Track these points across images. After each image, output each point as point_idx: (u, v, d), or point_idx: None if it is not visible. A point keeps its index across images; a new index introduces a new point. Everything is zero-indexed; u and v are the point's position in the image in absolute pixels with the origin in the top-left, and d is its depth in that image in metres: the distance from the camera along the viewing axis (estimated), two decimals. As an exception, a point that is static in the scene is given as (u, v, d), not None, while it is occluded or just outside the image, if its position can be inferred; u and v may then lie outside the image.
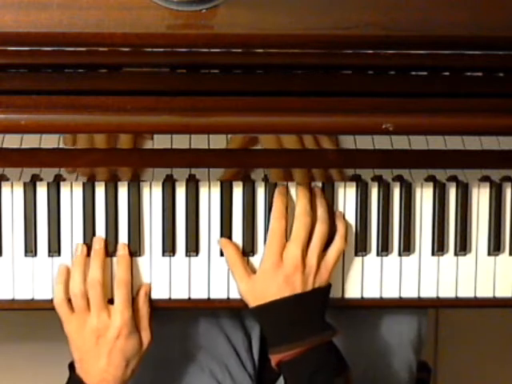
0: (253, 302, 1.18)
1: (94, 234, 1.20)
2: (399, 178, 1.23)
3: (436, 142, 1.17)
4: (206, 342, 1.27)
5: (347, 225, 1.22)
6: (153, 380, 1.29)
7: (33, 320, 1.18)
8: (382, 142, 1.17)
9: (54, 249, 1.20)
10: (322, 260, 1.19)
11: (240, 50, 1.06)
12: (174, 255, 1.22)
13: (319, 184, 1.22)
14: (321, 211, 1.20)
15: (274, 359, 1.17)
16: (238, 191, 1.22)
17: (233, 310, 1.29)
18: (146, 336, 1.19)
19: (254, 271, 1.20)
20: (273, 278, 1.17)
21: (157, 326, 1.24)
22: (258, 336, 1.31)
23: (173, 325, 1.31)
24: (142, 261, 1.22)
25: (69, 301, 1.18)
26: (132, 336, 1.17)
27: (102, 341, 1.16)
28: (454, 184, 1.24)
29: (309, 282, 1.17)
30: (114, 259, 1.20)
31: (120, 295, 1.17)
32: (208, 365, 1.29)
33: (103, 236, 1.20)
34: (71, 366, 1.20)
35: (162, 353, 1.30)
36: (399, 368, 1.31)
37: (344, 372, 1.17)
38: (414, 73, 1.12)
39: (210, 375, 1.29)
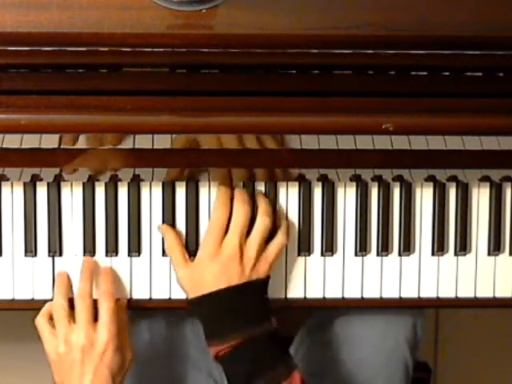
0: (190, 290, 1.17)
1: (94, 234, 1.20)
2: (399, 178, 1.23)
3: (436, 142, 1.17)
4: (204, 343, 1.27)
5: (289, 222, 1.21)
6: (151, 380, 1.29)
7: (31, 320, 1.19)
8: (382, 142, 1.17)
9: (54, 249, 1.20)
10: (262, 252, 1.17)
11: (240, 50, 1.06)
12: (174, 255, 1.22)
13: (319, 184, 1.22)
14: (263, 204, 1.18)
15: (212, 352, 1.15)
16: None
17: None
18: (129, 352, 1.16)
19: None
20: (209, 266, 1.15)
21: (155, 327, 1.24)
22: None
23: (170, 325, 1.31)
24: (141, 261, 1.22)
25: (50, 319, 1.16)
26: (118, 352, 1.14)
27: (87, 357, 1.12)
28: (454, 184, 1.24)
29: (245, 272, 1.15)
30: (114, 259, 1.21)
31: (105, 308, 1.14)
32: (206, 365, 1.29)
33: (103, 237, 1.20)
34: None
35: (160, 352, 1.30)
36: (395, 368, 1.31)
37: (288, 368, 1.14)
38: (414, 73, 1.12)
39: (207, 375, 1.29)
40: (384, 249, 1.23)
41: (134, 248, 1.21)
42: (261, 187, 1.21)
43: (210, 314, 1.15)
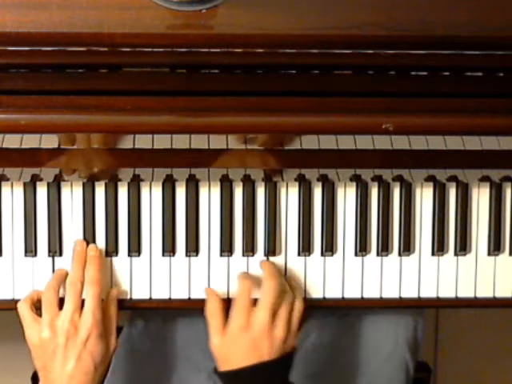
0: (220, 360, 1.16)
1: (94, 234, 1.20)
2: (399, 178, 1.23)
3: (436, 142, 1.17)
4: (204, 344, 1.26)
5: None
6: (150, 380, 1.29)
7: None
8: (382, 142, 1.17)
9: (54, 249, 1.20)
10: (289, 327, 1.17)
11: (240, 50, 1.06)
12: (174, 255, 1.22)
13: (319, 184, 1.22)
14: (298, 286, 1.20)
15: None
16: (238, 191, 1.22)
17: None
18: (112, 340, 1.16)
19: (252, 271, 1.20)
20: (239, 340, 1.15)
21: (155, 328, 1.24)
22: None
23: (170, 325, 1.31)
24: (141, 261, 1.22)
25: (33, 306, 1.16)
26: (101, 339, 1.14)
27: (71, 343, 1.12)
28: (454, 184, 1.24)
29: (274, 347, 1.15)
30: (114, 259, 1.21)
31: (91, 294, 1.15)
32: (205, 366, 1.29)
33: (103, 237, 1.20)
34: (34, 378, 1.17)
35: (160, 353, 1.29)
36: (396, 368, 1.31)
37: None
38: (414, 73, 1.12)
39: (207, 377, 1.29)
40: (384, 249, 1.23)
41: (134, 248, 1.21)
42: (261, 187, 1.21)
43: None
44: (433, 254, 1.24)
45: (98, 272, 1.17)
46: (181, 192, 1.21)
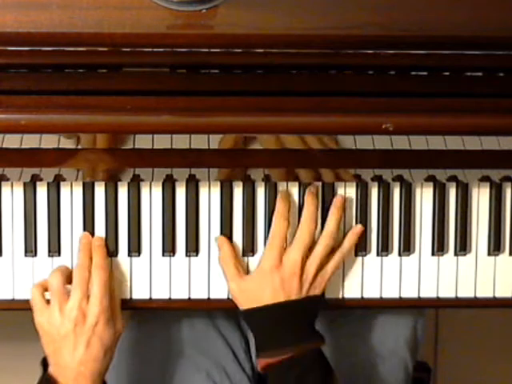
0: (243, 302, 1.18)
1: (93, 234, 1.20)
2: (399, 178, 1.23)
3: (436, 142, 1.17)
4: (203, 344, 1.26)
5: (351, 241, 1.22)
6: (149, 380, 1.29)
7: (31, 320, 1.19)
8: (382, 142, 1.17)
9: (54, 249, 1.20)
10: (321, 270, 1.18)
11: (240, 50, 1.06)
12: (173, 255, 1.22)
13: (319, 184, 1.22)
14: (332, 224, 1.19)
15: (261, 363, 1.17)
16: (238, 191, 1.22)
17: (229, 311, 1.29)
18: (119, 324, 1.17)
19: (251, 271, 1.20)
20: (269, 280, 1.16)
21: (153, 328, 1.24)
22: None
23: (169, 325, 1.31)
24: (141, 261, 1.22)
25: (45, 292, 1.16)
26: (109, 324, 1.14)
27: (80, 329, 1.12)
28: (454, 184, 1.24)
29: (304, 289, 1.17)
30: (114, 259, 1.21)
31: (98, 281, 1.15)
32: (205, 366, 1.29)
33: (103, 235, 1.20)
34: (44, 363, 1.17)
35: (159, 353, 1.30)
36: (395, 368, 1.31)
37: (330, 381, 1.16)
38: (414, 73, 1.12)
39: (206, 376, 1.29)
40: (384, 249, 1.23)
41: (134, 248, 1.21)
42: (261, 187, 1.21)
43: (264, 327, 1.16)
44: (433, 253, 1.24)
45: (103, 259, 1.18)
46: (181, 192, 1.21)
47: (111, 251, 1.21)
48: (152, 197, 1.21)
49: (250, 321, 1.18)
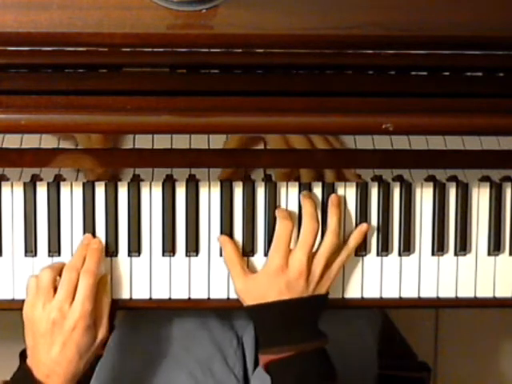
0: (249, 301, 1.18)
1: (94, 234, 1.20)
2: (399, 178, 1.23)
3: (436, 142, 1.17)
4: (190, 342, 1.26)
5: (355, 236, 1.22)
6: (132, 374, 1.28)
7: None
8: (382, 142, 1.17)
9: (54, 249, 1.20)
10: (327, 270, 1.19)
11: (240, 50, 1.06)
12: (173, 255, 1.22)
13: (319, 184, 1.22)
14: (334, 222, 1.20)
15: (263, 359, 1.17)
16: (238, 191, 1.22)
17: (222, 311, 1.29)
18: (102, 332, 1.16)
19: (251, 271, 1.20)
20: (275, 280, 1.16)
21: (141, 323, 1.23)
22: (252, 336, 1.29)
23: (159, 323, 1.30)
24: (141, 261, 1.22)
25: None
26: (88, 331, 1.13)
27: (57, 330, 1.12)
28: (454, 184, 1.24)
29: (310, 288, 1.17)
30: (114, 259, 1.21)
31: (83, 285, 1.14)
32: (187, 365, 1.28)
33: (103, 237, 1.20)
34: (23, 355, 1.17)
35: (145, 349, 1.29)
36: (363, 368, 1.31)
37: (332, 381, 1.16)
38: (414, 73, 1.12)
39: (188, 375, 1.28)
40: (384, 249, 1.23)
41: (134, 248, 1.21)
42: (261, 187, 1.21)
43: (269, 323, 1.17)
44: (433, 253, 1.24)
45: (94, 264, 1.16)
46: (181, 192, 1.21)
47: (111, 251, 1.21)
48: (152, 197, 1.21)
49: (255, 317, 1.18)
